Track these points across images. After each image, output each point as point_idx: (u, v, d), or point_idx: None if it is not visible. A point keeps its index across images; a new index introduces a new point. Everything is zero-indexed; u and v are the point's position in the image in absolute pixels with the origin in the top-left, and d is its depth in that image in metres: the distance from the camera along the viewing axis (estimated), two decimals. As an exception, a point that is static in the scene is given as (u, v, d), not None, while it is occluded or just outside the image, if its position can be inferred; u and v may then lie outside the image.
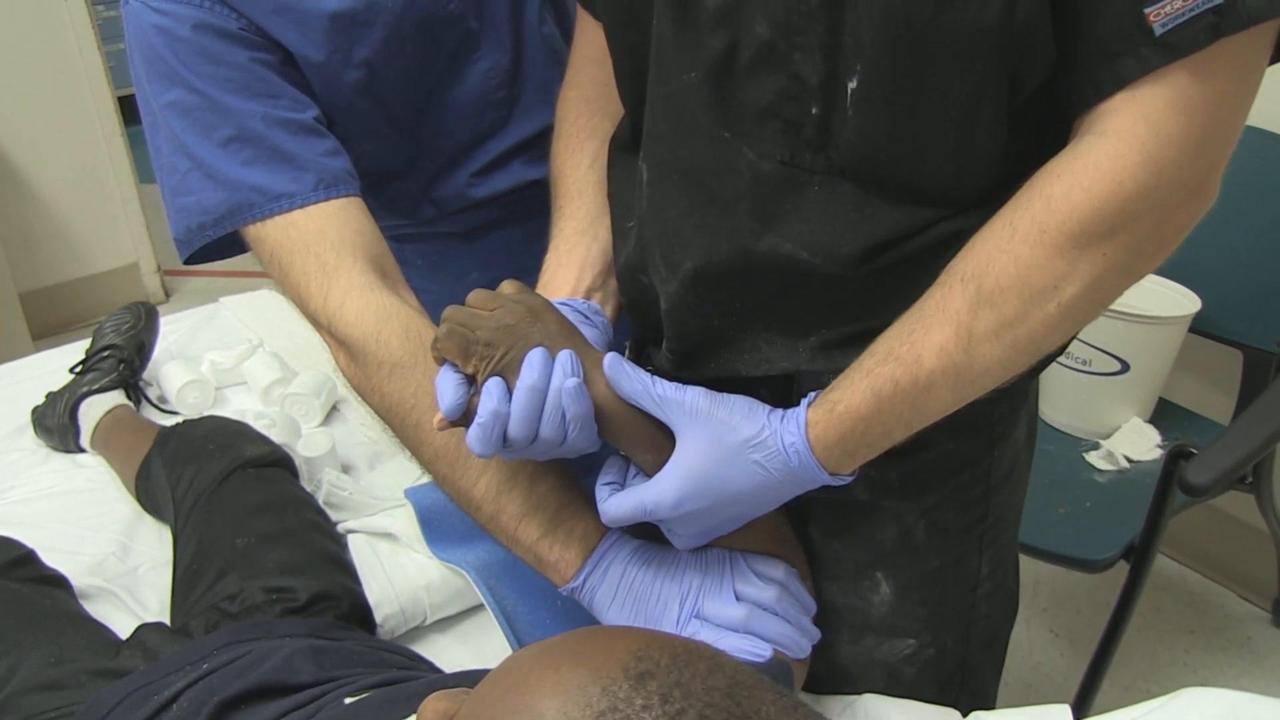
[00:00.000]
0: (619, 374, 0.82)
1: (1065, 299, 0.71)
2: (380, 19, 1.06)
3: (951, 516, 0.93)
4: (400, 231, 1.29)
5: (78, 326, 3.28)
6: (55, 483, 1.56)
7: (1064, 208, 0.69)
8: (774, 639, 0.86)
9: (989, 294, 0.72)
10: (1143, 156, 0.67)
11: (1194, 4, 0.62)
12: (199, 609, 1.12)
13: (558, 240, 0.98)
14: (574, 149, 0.99)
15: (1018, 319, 0.72)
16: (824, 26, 0.71)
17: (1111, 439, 1.77)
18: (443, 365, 0.82)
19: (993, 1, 0.65)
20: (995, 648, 1.04)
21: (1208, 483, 1.29)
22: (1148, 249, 0.71)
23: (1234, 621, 2.12)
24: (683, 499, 0.79)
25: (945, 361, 0.74)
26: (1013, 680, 2.00)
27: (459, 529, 1.21)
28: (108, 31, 3.25)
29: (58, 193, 3.24)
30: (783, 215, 0.79)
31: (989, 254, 0.72)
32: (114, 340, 1.74)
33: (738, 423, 0.79)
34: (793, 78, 0.74)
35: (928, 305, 0.75)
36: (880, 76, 0.70)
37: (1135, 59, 0.65)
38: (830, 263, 0.79)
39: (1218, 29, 0.62)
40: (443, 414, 0.80)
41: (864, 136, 0.74)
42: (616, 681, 0.45)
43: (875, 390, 0.76)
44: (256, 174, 0.99)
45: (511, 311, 0.82)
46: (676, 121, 0.81)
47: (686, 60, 0.78)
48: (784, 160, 0.77)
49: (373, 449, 1.59)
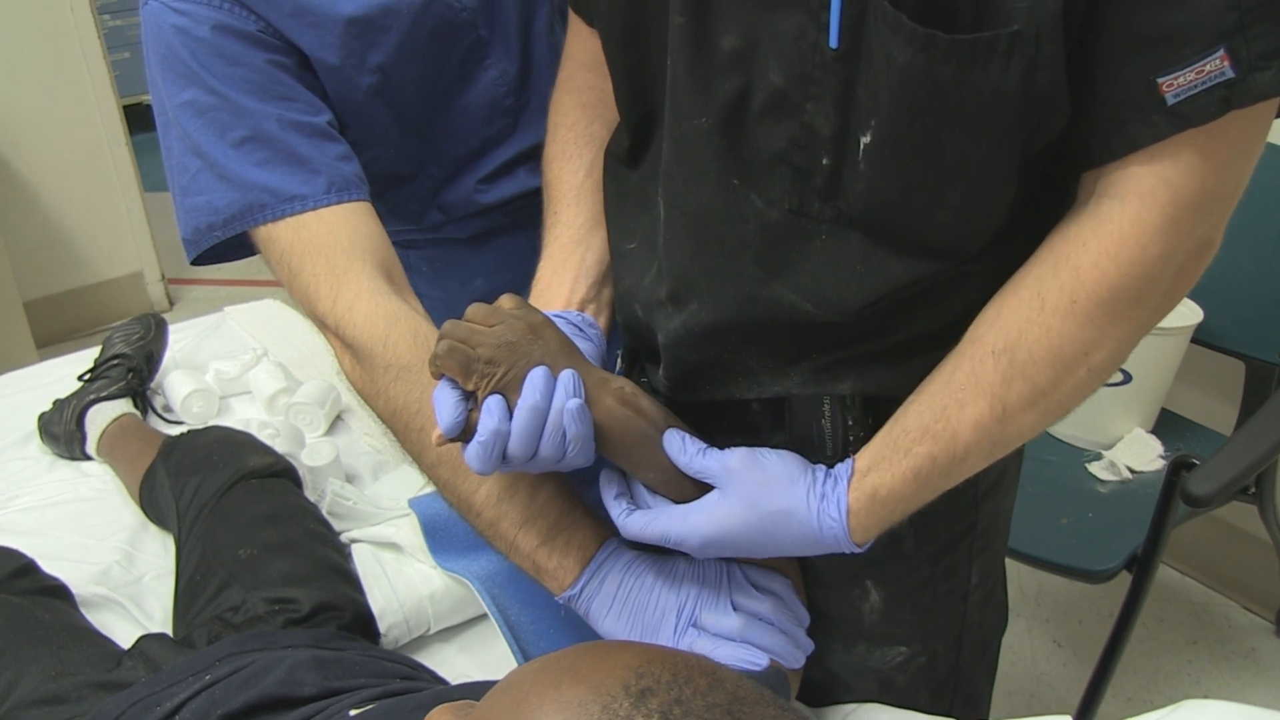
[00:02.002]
0: (676, 449, 0.83)
1: (1095, 363, 0.73)
2: (395, 24, 1.07)
3: (941, 525, 0.93)
4: (406, 237, 1.30)
5: (82, 335, 3.28)
6: (60, 491, 1.56)
7: (1093, 276, 0.70)
8: (770, 649, 0.86)
9: (1022, 366, 0.73)
10: (1164, 218, 0.68)
11: (1206, 77, 0.63)
12: (202, 620, 1.12)
13: (552, 248, 0.98)
14: (570, 155, 0.99)
15: (1051, 388, 0.74)
16: (838, 79, 0.71)
17: (1114, 449, 1.77)
18: (440, 380, 0.82)
19: (1014, 66, 0.65)
20: (988, 655, 1.05)
21: (1210, 493, 1.29)
22: (1165, 304, 0.74)
23: (1238, 632, 2.12)
24: (708, 544, 0.81)
25: (981, 434, 0.76)
26: (1016, 690, 2.00)
27: (463, 539, 1.21)
28: (113, 40, 3.26)
29: (63, 201, 3.25)
30: (788, 264, 0.79)
31: (1020, 327, 0.74)
32: (123, 350, 1.74)
33: (778, 490, 0.81)
34: (804, 127, 0.74)
35: (958, 378, 0.76)
36: (895, 134, 0.70)
37: (1147, 125, 0.66)
38: (832, 314, 0.79)
39: (1229, 102, 0.63)
40: (441, 431, 0.79)
41: (874, 190, 0.74)
42: (617, 699, 0.45)
43: (916, 470, 0.78)
44: (269, 175, 1.00)
45: (512, 329, 0.81)
46: (687, 164, 0.81)
47: (699, 104, 0.77)
48: (792, 209, 0.77)
49: (377, 459, 1.59)
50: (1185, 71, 0.63)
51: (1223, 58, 0.62)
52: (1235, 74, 0.62)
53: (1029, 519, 1.64)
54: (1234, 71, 0.62)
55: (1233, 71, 0.62)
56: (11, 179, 3.14)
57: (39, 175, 3.19)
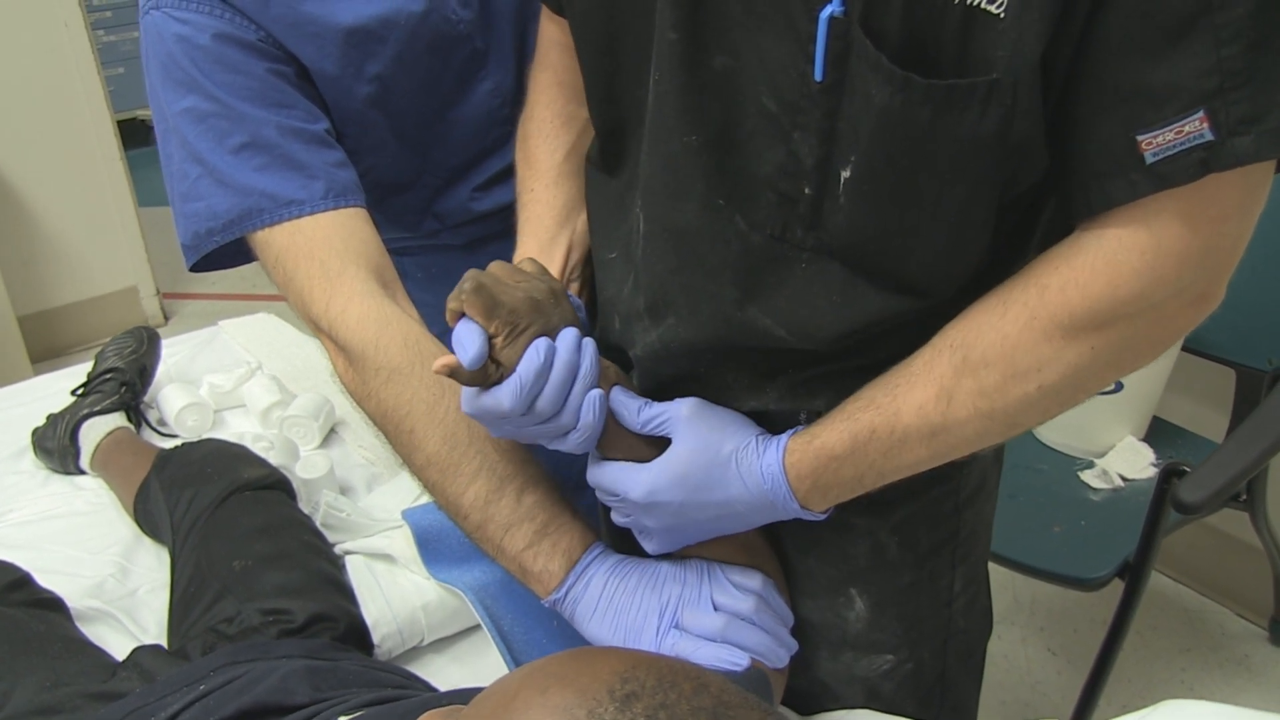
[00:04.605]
0: (622, 407, 0.86)
1: (1046, 382, 0.72)
2: (393, 36, 1.09)
3: (923, 533, 0.94)
4: (402, 244, 1.31)
5: (77, 350, 3.29)
6: (54, 505, 1.56)
7: (1057, 299, 0.70)
8: (752, 648, 0.87)
9: (974, 364, 0.74)
10: (1141, 263, 0.66)
11: (1185, 138, 0.61)
12: (196, 631, 1.12)
13: (534, 226, 0.99)
14: (548, 134, 1.00)
15: (997, 392, 0.74)
16: (822, 112, 0.70)
17: (1106, 458, 1.78)
18: (460, 319, 0.81)
19: (991, 114, 0.64)
20: (973, 661, 1.05)
21: (1201, 501, 1.30)
22: (1140, 347, 0.72)
23: (1231, 639, 2.12)
24: (657, 488, 0.83)
25: (922, 419, 0.76)
26: (1010, 699, 2.00)
27: (456, 550, 1.21)
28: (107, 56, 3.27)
29: (57, 216, 3.25)
30: (767, 289, 0.80)
31: (979, 326, 0.74)
32: (116, 363, 1.74)
33: (727, 434, 0.84)
34: (791, 154, 0.74)
35: (915, 364, 0.77)
36: (873, 171, 0.70)
37: (1125, 183, 0.65)
38: (806, 342, 0.80)
39: (1207, 165, 0.62)
40: (464, 363, 0.77)
41: (854, 224, 0.74)
42: (602, 704, 0.46)
43: (853, 433, 0.79)
44: (267, 180, 1.01)
45: (537, 288, 0.82)
46: (672, 181, 0.80)
47: (687, 122, 0.77)
48: (775, 234, 0.77)
49: (370, 471, 1.60)
50: (1164, 130, 0.62)
51: (1202, 119, 0.61)
52: (1214, 137, 0.61)
53: (1021, 527, 1.64)
54: (1213, 134, 0.61)
55: (1212, 134, 0.61)
56: (6, 194, 3.14)
57: (33, 190, 3.19)
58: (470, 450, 0.93)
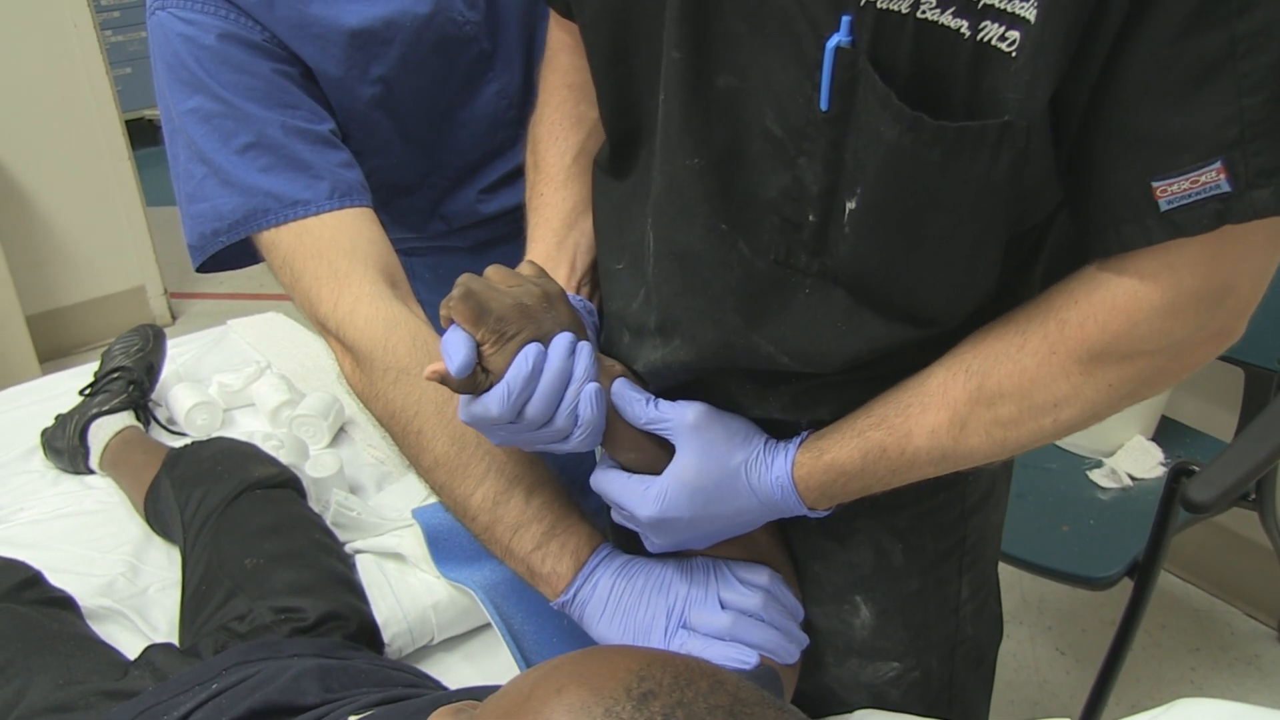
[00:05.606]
0: (625, 400, 0.85)
1: (1063, 418, 0.72)
2: (398, 37, 1.08)
3: (928, 540, 0.93)
4: (409, 245, 1.31)
5: (85, 349, 3.29)
6: (64, 504, 1.57)
7: (1076, 335, 0.69)
8: (761, 645, 0.87)
9: (989, 394, 0.73)
10: (1162, 302, 0.65)
11: (1201, 188, 0.60)
12: (208, 629, 1.12)
13: (543, 229, 0.98)
14: (557, 136, 0.99)
15: (1012, 424, 0.73)
16: (828, 140, 0.69)
17: (1114, 457, 1.77)
18: (450, 326, 0.80)
19: (1003, 157, 0.63)
20: (983, 668, 1.04)
21: (1210, 500, 1.29)
22: (1156, 381, 0.71)
23: (1240, 639, 2.12)
24: (665, 508, 0.82)
25: (934, 443, 0.76)
26: (1018, 699, 2.00)
27: (466, 549, 1.22)
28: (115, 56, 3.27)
29: (65, 216, 3.26)
30: (770, 315, 0.78)
31: (996, 355, 0.73)
32: (123, 362, 1.75)
33: (734, 444, 0.83)
34: (795, 180, 0.72)
35: (929, 383, 0.77)
36: (879, 205, 0.68)
37: (1140, 229, 0.63)
38: (809, 368, 0.79)
39: (1223, 216, 0.60)
40: (451, 371, 0.76)
41: (859, 255, 0.72)
42: (620, 702, 0.46)
43: (864, 451, 0.79)
44: (273, 180, 1.01)
45: (529, 293, 0.81)
46: (677, 202, 0.79)
47: (691, 144, 0.75)
48: (778, 259, 0.76)
49: (380, 470, 1.60)
50: (1180, 179, 0.60)
51: (1219, 170, 0.59)
52: (1232, 189, 0.59)
53: (1030, 527, 1.64)
54: (1230, 186, 0.59)
55: (1229, 185, 0.59)
56: (14, 193, 3.15)
57: (41, 190, 3.20)
58: (478, 451, 0.92)
